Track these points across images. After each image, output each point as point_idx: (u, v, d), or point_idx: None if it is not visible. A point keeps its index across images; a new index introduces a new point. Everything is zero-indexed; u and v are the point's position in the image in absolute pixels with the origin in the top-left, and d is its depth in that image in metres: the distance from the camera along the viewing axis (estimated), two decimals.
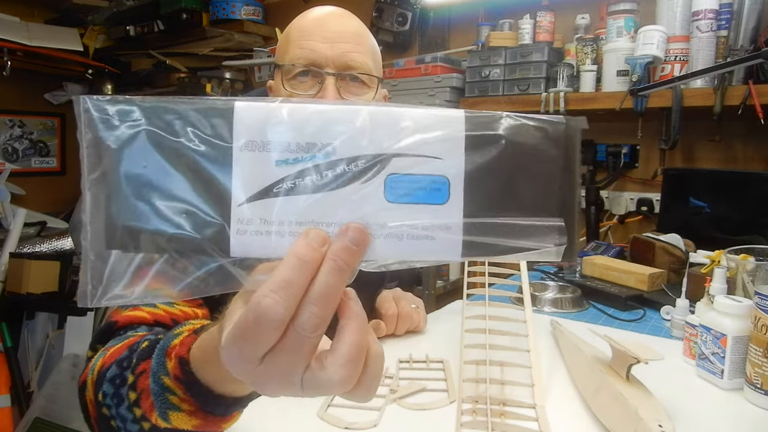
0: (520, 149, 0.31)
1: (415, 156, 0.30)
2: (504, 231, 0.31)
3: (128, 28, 2.81)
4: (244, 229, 0.30)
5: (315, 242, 0.29)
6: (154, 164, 0.30)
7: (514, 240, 0.31)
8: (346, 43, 0.79)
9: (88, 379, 0.59)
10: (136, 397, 0.53)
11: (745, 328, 0.76)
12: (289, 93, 0.77)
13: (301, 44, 0.77)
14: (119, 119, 0.30)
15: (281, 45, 0.83)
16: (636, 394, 0.63)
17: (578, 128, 0.32)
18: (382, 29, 2.23)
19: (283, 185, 0.30)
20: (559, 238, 0.31)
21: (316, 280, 0.29)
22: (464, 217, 0.31)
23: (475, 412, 0.68)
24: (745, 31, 1.45)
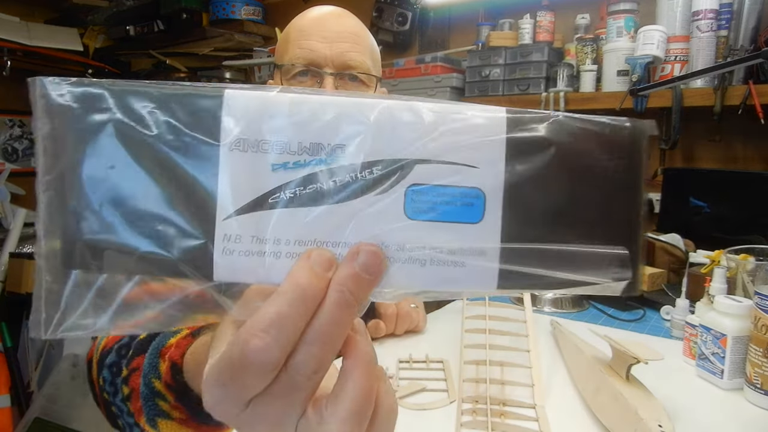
0: (574, 158, 0.25)
1: (443, 163, 0.25)
2: (551, 260, 0.25)
3: (128, 28, 2.81)
4: (231, 249, 0.25)
5: (319, 267, 0.24)
6: (123, 165, 0.24)
7: (564, 272, 0.25)
8: (345, 43, 0.79)
9: (93, 359, 0.58)
10: (128, 393, 0.52)
11: (745, 328, 0.76)
12: None
13: (301, 44, 0.78)
14: (83, 107, 0.24)
15: (281, 45, 0.83)
16: (636, 394, 0.63)
17: (645, 133, 0.26)
18: (382, 29, 2.23)
19: (280, 195, 0.25)
20: (620, 271, 0.26)
21: (318, 315, 0.24)
22: (502, 241, 0.25)
23: (475, 412, 0.68)
24: (745, 31, 1.45)
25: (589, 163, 0.26)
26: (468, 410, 0.68)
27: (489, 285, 0.25)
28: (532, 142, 0.25)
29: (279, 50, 0.84)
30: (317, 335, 0.24)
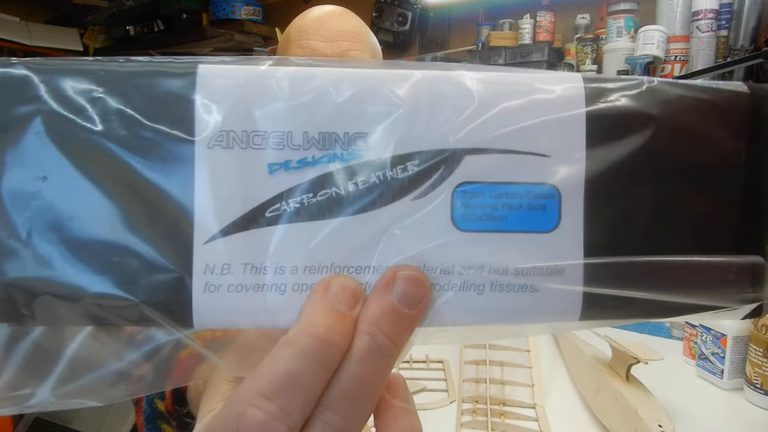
0: (679, 138, 0.19)
1: (502, 152, 0.19)
2: (654, 278, 0.19)
3: (128, 28, 2.81)
4: (216, 283, 0.18)
5: (341, 302, 0.18)
6: (59, 174, 0.17)
7: (674, 294, 0.19)
8: (346, 42, 0.79)
9: None
10: (135, 401, 0.52)
11: (745, 328, 0.76)
12: None
13: (301, 44, 0.78)
14: (2, 96, 0.17)
15: (282, 46, 0.83)
16: (636, 394, 0.63)
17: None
18: (382, 29, 2.23)
19: (282, 206, 0.18)
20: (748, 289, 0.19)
21: (342, 370, 0.17)
22: (586, 255, 0.19)
23: (475, 412, 0.68)
24: (745, 31, 1.45)
25: (701, 143, 0.19)
26: (468, 410, 0.68)
27: (570, 314, 0.19)
28: (621, 119, 0.19)
29: (280, 51, 0.85)
30: (341, 399, 0.17)
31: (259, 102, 0.18)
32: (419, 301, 0.18)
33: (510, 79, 0.19)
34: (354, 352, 0.17)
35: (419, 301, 0.18)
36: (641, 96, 0.19)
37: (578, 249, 0.19)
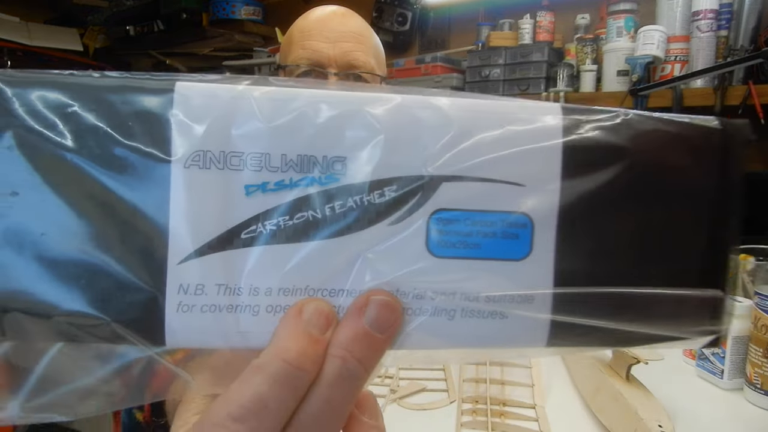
0: (650, 172, 0.19)
1: (478, 180, 0.19)
2: (620, 309, 0.19)
3: (128, 28, 2.81)
4: (190, 303, 0.18)
5: (314, 326, 0.18)
6: (30, 190, 0.17)
7: (637, 324, 0.19)
8: (348, 43, 0.79)
9: None
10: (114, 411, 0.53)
11: (745, 328, 0.76)
12: None
13: (304, 45, 0.78)
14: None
15: (284, 46, 0.83)
16: (636, 394, 0.63)
17: (742, 139, 0.21)
18: (382, 29, 2.23)
19: (259, 227, 0.18)
20: (708, 321, 0.20)
21: (312, 393, 0.17)
22: (556, 285, 0.19)
23: (475, 412, 0.68)
24: (745, 31, 1.45)
25: (671, 178, 0.20)
26: (468, 410, 0.68)
27: (536, 341, 0.20)
28: (596, 151, 0.19)
29: (282, 52, 0.84)
30: (310, 422, 0.17)
31: (238, 122, 0.18)
32: (391, 325, 0.18)
33: (488, 108, 0.19)
34: (324, 376, 0.17)
35: (391, 326, 0.18)
36: (616, 128, 0.19)
37: (548, 278, 0.19)
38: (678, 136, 0.20)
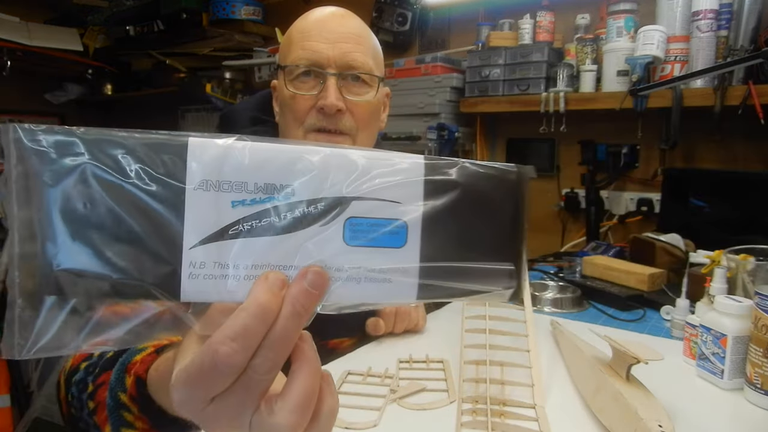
0: (474, 196, 0.32)
1: (375, 200, 0.31)
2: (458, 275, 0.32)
3: (128, 28, 2.81)
4: (196, 273, 0.28)
5: (275, 286, 0.28)
6: (96, 203, 0.27)
7: (467, 283, 0.32)
8: (347, 43, 0.79)
9: (61, 378, 0.62)
10: (94, 407, 0.55)
11: (745, 328, 0.76)
12: (291, 93, 0.78)
13: (303, 45, 0.78)
14: (57, 152, 0.27)
15: (284, 47, 0.83)
16: (636, 394, 0.63)
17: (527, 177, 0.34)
18: (382, 29, 2.23)
19: (239, 227, 0.29)
20: (509, 282, 0.33)
21: (275, 325, 0.28)
22: (420, 261, 0.31)
23: (475, 412, 0.68)
24: (745, 31, 1.45)
25: (486, 200, 0.33)
26: (468, 410, 0.68)
27: (410, 297, 0.32)
28: (443, 183, 0.32)
29: (282, 52, 0.85)
30: (274, 341, 0.28)
31: (227, 162, 0.29)
32: (321, 285, 0.29)
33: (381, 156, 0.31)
34: (282, 314, 0.28)
35: (321, 286, 0.29)
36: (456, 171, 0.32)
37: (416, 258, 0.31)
38: (492, 176, 0.33)
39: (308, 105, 0.77)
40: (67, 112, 3.28)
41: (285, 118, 0.81)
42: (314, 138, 0.78)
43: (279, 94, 0.83)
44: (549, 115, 1.75)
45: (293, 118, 0.79)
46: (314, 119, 0.78)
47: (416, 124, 1.97)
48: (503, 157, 2.05)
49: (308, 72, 0.78)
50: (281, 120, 0.84)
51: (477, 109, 1.93)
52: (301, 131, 0.78)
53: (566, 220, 1.92)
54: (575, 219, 1.90)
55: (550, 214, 1.96)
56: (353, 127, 0.80)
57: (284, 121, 0.81)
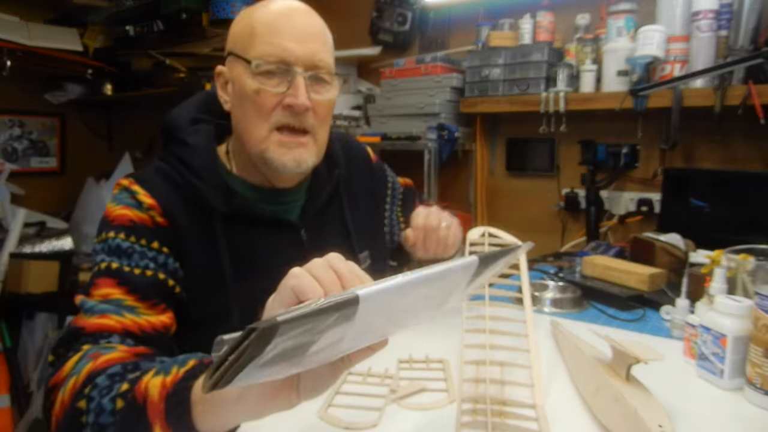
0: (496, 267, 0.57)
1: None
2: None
3: (128, 28, 2.81)
4: None
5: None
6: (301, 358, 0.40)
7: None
8: (315, 43, 0.79)
9: (70, 381, 0.60)
10: (129, 387, 0.55)
11: (745, 328, 0.76)
12: (257, 88, 0.77)
13: (272, 41, 0.77)
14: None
15: (244, 36, 0.80)
16: (636, 394, 0.63)
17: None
18: (382, 29, 2.23)
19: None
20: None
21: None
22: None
23: (475, 412, 0.68)
24: (745, 31, 1.45)
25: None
26: (468, 410, 0.68)
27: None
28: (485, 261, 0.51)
29: (241, 40, 0.80)
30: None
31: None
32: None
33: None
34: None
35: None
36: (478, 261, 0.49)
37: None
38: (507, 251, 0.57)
39: (275, 101, 0.77)
40: (66, 112, 3.28)
41: (246, 113, 0.79)
42: (279, 135, 0.78)
43: (236, 85, 0.80)
44: (549, 115, 1.75)
45: (257, 113, 0.78)
46: (281, 116, 0.77)
47: (416, 124, 1.97)
48: (503, 157, 2.05)
49: (274, 71, 0.77)
50: (239, 111, 0.81)
51: (477, 109, 1.93)
52: (266, 128, 0.78)
53: (566, 220, 1.92)
54: (575, 219, 1.90)
55: (550, 214, 1.96)
56: (315, 125, 0.80)
57: (245, 116, 0.80)
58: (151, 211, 0.76)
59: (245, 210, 0.81)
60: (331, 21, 0.87)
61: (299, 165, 0.79)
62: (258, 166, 0.82)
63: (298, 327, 0.34)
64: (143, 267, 0.73)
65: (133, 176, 0.80)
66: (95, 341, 0.66)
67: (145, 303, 0.71)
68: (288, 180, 0.85)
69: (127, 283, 0.71)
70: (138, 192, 0.76)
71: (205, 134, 0.84)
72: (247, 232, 0.81)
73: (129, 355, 0.63)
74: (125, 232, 0.74)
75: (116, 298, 0.70)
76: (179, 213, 0.77)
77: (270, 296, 0.48)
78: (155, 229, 0.75)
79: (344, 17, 2.33)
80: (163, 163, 0.82)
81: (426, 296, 0.46)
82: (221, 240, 0.79)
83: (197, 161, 0.80)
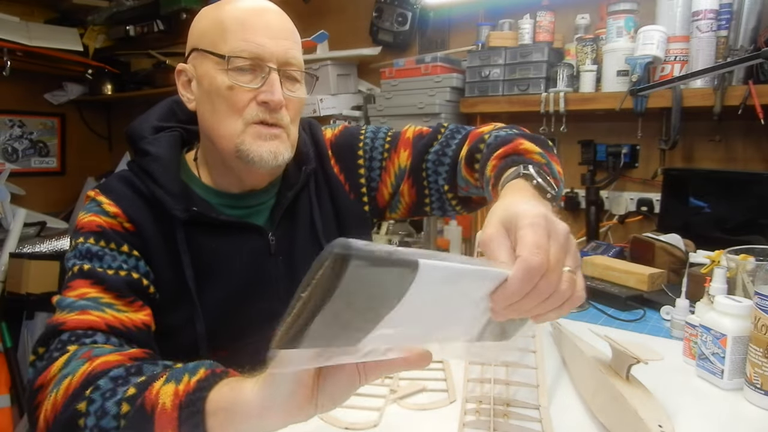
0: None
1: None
2: None
3: (128, 28, 2.81)
4: None
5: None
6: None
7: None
8: (287, 40, 0.79)
9: (64, 382, 0.59)
10: (136, 392, 0.54)
11: (745, 328, 0.76)
12: (231, 84, 0.76)
13: (245, 37, 0.76)
14: None
15: (211, 31, 0.79)
16: (636, 394, 0.64)
17: None
18: (382, 29, 2.23)
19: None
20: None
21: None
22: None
23: (479, 412, 0.68)
24: (745, 31, 1.45)
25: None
26: (471, 410, 0.68)
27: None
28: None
29: (206, 36, 0.79)
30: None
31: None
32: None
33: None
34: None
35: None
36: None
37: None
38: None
39: (249, 97, 0.76)
40: (67, 112, 3.28)
41: (217, 109, 0.78)
42: (255, 130, 0.77)
43: (204, 81, 0.78)
44: (549, 115, 1.75)
45: (230, 108, 0.77)
46: (255, 111, 0.77)
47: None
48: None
49: (248, 68, 0.76)
50: (207, 108, 0.79)
51: (477, 109, 1.93)
52: (240, 122, 0.77)
53: (566, 220, 1.91)
54: (575, 219, 1.90)
55: None
56: (288, 122, 0.80)
57: (215, 112, 0.78)
58: (117, 218, 0.76)
59: (206, 216, 0.79)
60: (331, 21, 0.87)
61: (276, 157, 0.78)
62: (230, 165, 0.80)
63: (364, 271, 0.32)
64: (116, 268, 0.73)
65: (98, 187, 0.81)
66: (78, 339, 0.65)
67: (123, 300, 0.71)
68: (260, 178, 0.84)
69: (101, 282, 0.70)
70: (103, 202, 0.77)
71: (166, 142, 0.83)
72: (210, 240, 0.80)
73: (125, 357, 0.62)
74: (94, 237, 0.74)
75: (93, 296, 0.69)
76: (144, 220, 0.77)
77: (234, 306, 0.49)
78: (124, 234, 0.76)
79: (344, 17, 2.33)
80: (127, 171, 0.82)
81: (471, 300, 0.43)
82: (183, 248, 0.78)
83: (157, 169, 0.79)
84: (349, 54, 2.17)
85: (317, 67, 2.14)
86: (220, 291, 0.80)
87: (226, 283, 0.80)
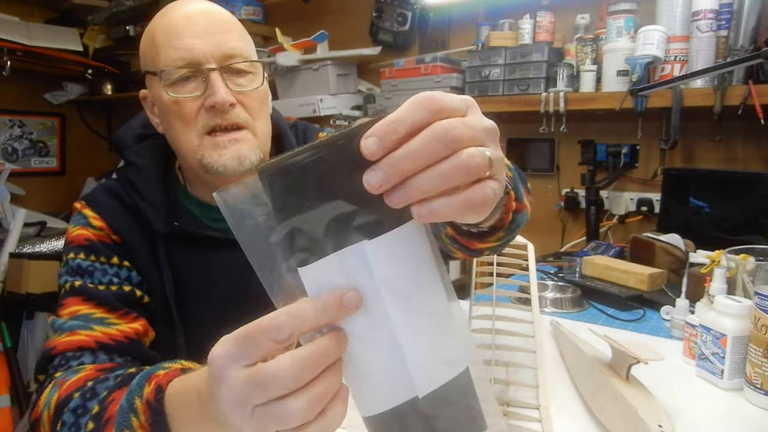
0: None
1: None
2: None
3: (128, 28, 2.81)
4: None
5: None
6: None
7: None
8: (221, 33, 0.73)
9: (44, 414, 0.60)
10: (94, 427, 0.55)
11: (745, 328, 0.76)
12: (173, 99, 0.71)
13: (174, 44, 0.70)
14: None
15: (147, 49, 0.75)
16: (636, 394, 0.64)
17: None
18: (382, 29, 2.23)
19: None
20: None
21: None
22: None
23: None
24: (745, 31, 1.45)
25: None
26: None
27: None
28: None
29: (147, 56, 0.75)
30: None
31: None
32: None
33: None
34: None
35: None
36: None
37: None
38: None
39: (195, 106, 0.71)
40: (67, 112, 3.28)
41: (173, 126, 0.73)
42: (210, 141, 0.72)
43: (157, 102, 0.75)
44: (549, 115, 1.75)
45: (182, 123, 0.72)
46: (206, 119, 0.71)
47: None
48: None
49: (189, 77, 0.71)
50: (168, 130, 0.76)
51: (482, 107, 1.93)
52: (195, 135, 0.72)
53: (566, 220, 1.92)
54: (575, 219, 1.90)
55: (550, 214, 1.96)
56: (248, 119, 0.74)
57: (172, 131, 0.74)
58: (104, 231, 0.76)
59: (187, 231, 0.77)
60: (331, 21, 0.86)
61: (241, 162, 0.72)
62: (203, 178, 0.77)
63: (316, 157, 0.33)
64: (107, 283, 0.73)
65: (84, 198, 0.80)
66: (66, 362, 0.66)
67: (115, 313, 0.71)
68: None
69: (93, 298, 0.71)
70: (89, 215, 0.77)
71: (150, 151, 0.81)
72: (193, 254, 0.77)
73: (92, 372, 0.62)
74: (84, 252, 0.74)
75: (84, 313, 0.70)
76: (130, 232, 0.76)
77: (218, 320, 0.47)
78: (112, 245, 0.75)
79: (344, 17, 2.33)
80: (115, 181, 0.81)
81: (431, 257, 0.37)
82: (164, 263, 0.76)
83: (139, 180, 0.77)
84: (349, 54, 2.17)
85: (317, 67, 2.14)
86: (203, 306, 0.78)
87: (209, 298, 0.79)
